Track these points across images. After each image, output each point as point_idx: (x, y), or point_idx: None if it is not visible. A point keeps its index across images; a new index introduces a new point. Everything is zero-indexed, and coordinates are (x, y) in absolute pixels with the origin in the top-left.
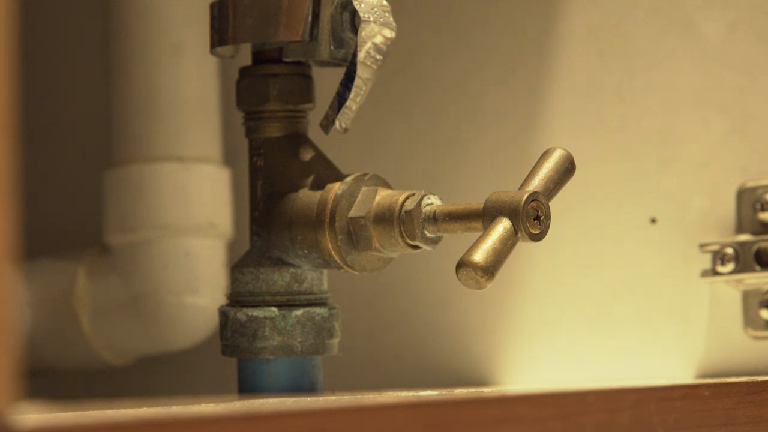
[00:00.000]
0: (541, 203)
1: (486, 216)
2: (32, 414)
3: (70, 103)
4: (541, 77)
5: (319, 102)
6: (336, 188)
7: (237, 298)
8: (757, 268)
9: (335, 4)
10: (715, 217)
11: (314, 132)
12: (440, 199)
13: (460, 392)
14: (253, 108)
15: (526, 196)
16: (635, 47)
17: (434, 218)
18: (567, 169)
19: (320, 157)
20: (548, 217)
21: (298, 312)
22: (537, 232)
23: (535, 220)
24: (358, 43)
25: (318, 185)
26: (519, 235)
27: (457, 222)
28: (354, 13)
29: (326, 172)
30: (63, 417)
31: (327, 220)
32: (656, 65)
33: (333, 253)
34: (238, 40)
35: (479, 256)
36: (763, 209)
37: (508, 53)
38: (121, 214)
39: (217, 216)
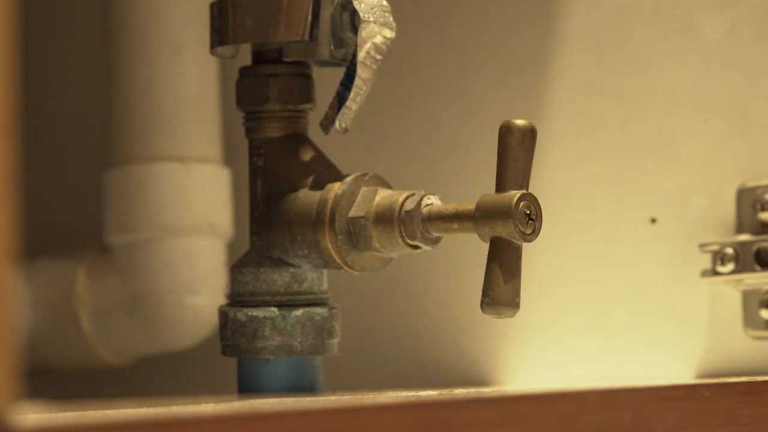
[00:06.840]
0: (532, 203)
1: (478, 219)
2: (32, 414)
3: (70, 103)
4: (541, 77)
5: (319, 102)
6: (336, 188)
7: (237, 298)
8: (757, 268)
9: (335, 4)
10: (715, 217)
11: (314, 132)
12: (440, 199)
13: (460, 392)
14: (253, 108)
15: (516, 197)
16: (635, 47)
17: (428, 218)
18: (533, 143)
19: (320, 157)
20: (540, 217)
21: (298, 312)
22: (529, 232)
23: (529, 220)
24: (358, 43)
25: (318, 185)
26: (519, 243)
27: (448, 222)
28: (354, 13)
29: (326, 172)
30: (63, 417)
31: (327, 220)
32: (656, 65)
33: (333, 253)
34: (238, 40)
35: (503, 295)
36: (763, 209)
37: (508, 53)
38: (121, 214)
39: (217, 216)
